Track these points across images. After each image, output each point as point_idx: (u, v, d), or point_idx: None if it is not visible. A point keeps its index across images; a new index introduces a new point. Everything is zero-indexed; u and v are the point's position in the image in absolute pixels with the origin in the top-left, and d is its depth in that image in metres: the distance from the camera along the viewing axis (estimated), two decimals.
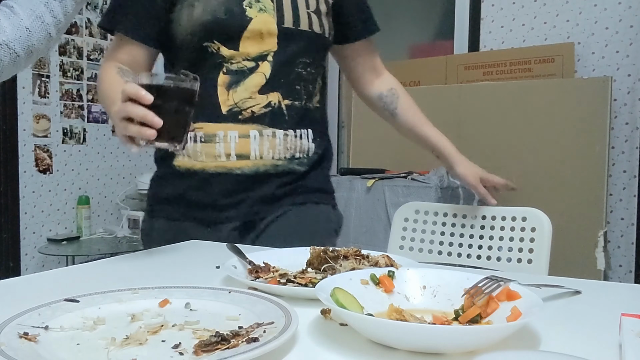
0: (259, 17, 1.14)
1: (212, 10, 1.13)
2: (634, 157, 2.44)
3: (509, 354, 0.44)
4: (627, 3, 2.46)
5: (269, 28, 1.14)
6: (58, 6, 0.97)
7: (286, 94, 1.18)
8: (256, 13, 1.14)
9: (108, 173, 3.57)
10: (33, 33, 0.94)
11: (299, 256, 0.86)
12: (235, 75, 1.15)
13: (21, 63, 0.98)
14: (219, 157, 1.16)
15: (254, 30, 1.14)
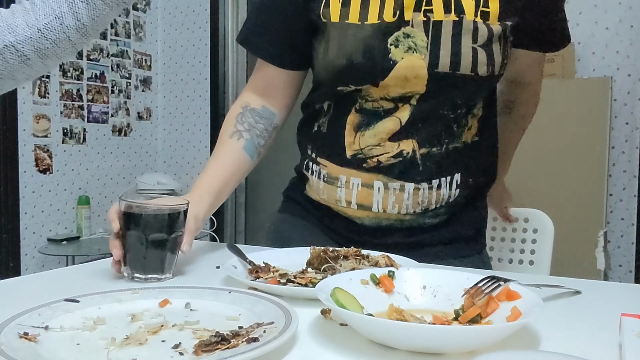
0: (406, 60, 0.93)
1: (349, 53, 0.95)
2: (634, 157, 2.44)
3: (509, 354, 0.44)
4: (627, 4, 2.46)
5: (417, 74, 0.93)
6: (84, 9, 0.86)
7: (424, 141, 0.97)
8: (403, 54, 0.93)
9: (108, 173, 3.57)
10: (47, 35, 0.85)
11: (299, 256, 0.86)
12: (367, 116, 0.98)
13: (35, 66, 0.89)
14: (339, 202, 1.03)
15: (397, 77, 0.94)
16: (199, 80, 3.75)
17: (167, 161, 3.91)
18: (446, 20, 0.92)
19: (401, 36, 0.94)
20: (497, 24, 0.94)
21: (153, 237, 0.80)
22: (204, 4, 3.68)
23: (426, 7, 0.93)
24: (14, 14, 0.86)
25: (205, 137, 3.74)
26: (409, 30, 0.93)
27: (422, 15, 0.93)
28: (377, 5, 0.95)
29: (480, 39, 0.93)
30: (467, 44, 0.92)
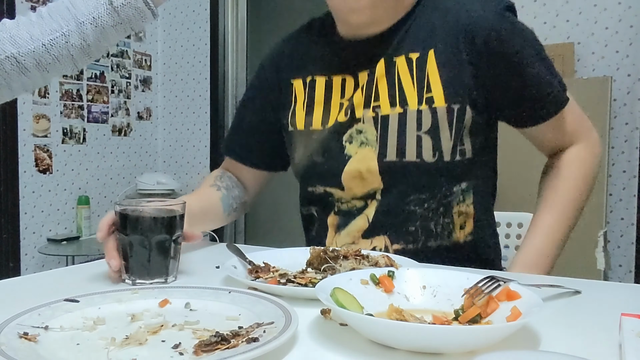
0: (360, 154, 1.00)
1: (310, 154, 1.05)
2: (634, 157, 2.44)
3: (509, 354, 0.44)
4: (626, 3, 2.46)
5: (368, 165, 0.99)
6: (92, 31, 0.86)
7: (396, 238, 0.99)
8: (357, 149, 1.00)
9: (108, 173, 3.57)
10: (50, 51, 0.85)
11: (299, 256, 0.86)
12: (344, 216, 1.03)
13: (34, 78, 0.89)
14: None
15: (352, 171, 1.00)
16: (199, 80, 3.75)
17: (167, 161, 3.91)
18: (392, 113, 0.98)
19: (354, 132, 1.00)
20: (444, 105, 0.95)
21: (156, 240, 0.80)
22: (204, 4, 3.68)
23: (374, 104, 0.99)
24: (19, 26, 0.87)
25: (205, 137, 3.74)
26: (360, 126, 1.00)
27: (371, 111, 0.99)
28: (337, 110, 1.03)
29: (424, 126, 0.96)
30: (412, 133, 0.96)
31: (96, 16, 0.87)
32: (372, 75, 1.00)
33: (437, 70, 0.96)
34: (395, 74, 0.98)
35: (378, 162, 0.98)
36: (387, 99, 0.98)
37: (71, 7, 0.87)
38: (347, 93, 1.03)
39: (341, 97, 1.04)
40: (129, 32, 0.91)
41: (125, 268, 0.81)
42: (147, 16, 0.90)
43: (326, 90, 1.05)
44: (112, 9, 0.87)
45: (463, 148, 0.98)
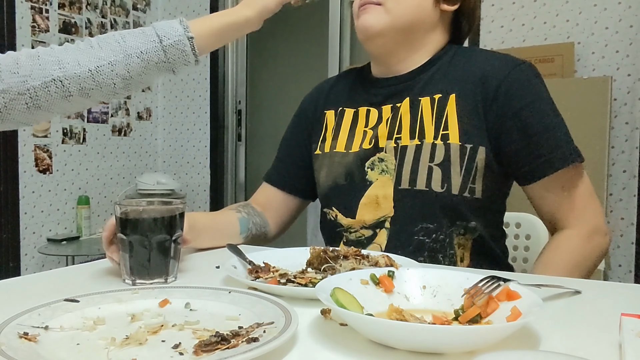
0: (380, 181, 1.06)
1: (334, 177, 1.12)
2: (634, 157, 2.44)
3: (509, 354, 0.44)
4: (626, 3, 2.46)
5: (385, 192, 1.04)
6: (138, 64, 0.90)
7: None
8: (377, 175, 1.06)
9: (108, 173, 3.57)
10: (95, 77, 0.88)
11: (299, 256, 0.86)
12: (354, 245, 1.02)
13: (74, 103, 0.91)
14: None
15: (370, 196, 1.06)
16: (199, 80, 3.75)
17: (167, 161, 3.91)
18: (410, 145, 1.05)
19: (376, 160, 1.08)
20: (458, 144, 1.01)
21: (156, 240, 0.80)
22: (204, 4, 3.68)
23: (397, 135, 1.07)
24: (67, 52, 0.89)
25: (205, 137, 3.74)
26: (382, 155, 1.07)
27: (393, 142, 1.07)
28: (360, 137, 1.11)
29: (437, 158, 1.02)
30: (425, 163, 1.02)
31: (144, 51, 0.90)
32: (397, 110, 1.08)
33: (455, 113, 1.03)
34: (419, 112, 1.06)
35: (394, 189, 1.04)
36: (408, 132, 1.05)
37: (121, 41, 0.90)
38: (370, 123, 1.11)
39: (365, 126, 1.12)
40: (169, 72, 0.94)
41: (126, 268, 0.81)
42: (190, 60, 0.94)
43: (353, 119, 1.14)
44: (160, 47, 0.91)
45: (473, 187, 1.01)
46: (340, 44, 3.35)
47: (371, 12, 1.05)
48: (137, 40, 0.91)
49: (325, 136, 1.17)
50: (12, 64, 0.87)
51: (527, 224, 1.32)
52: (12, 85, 0.86)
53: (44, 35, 3.16)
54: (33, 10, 3.09)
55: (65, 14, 3.27)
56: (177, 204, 0.84)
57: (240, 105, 3.78)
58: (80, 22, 3.37)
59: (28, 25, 3.07)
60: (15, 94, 0.86)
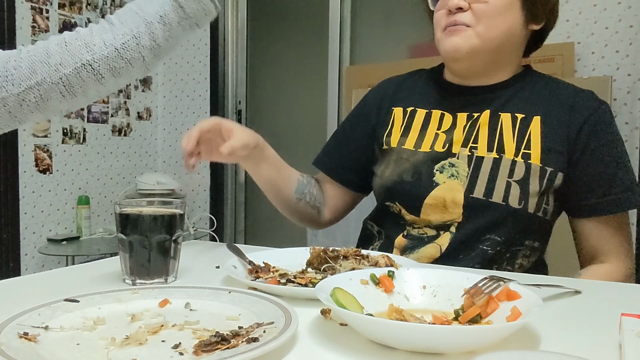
0: (447, 184, 1.04)
1: (401, 172, 1.10)
2: (634, 156, 2.43)
3: (509, 354, 0.44)
4: (626, 3, 2.46)
5: (454, 197, 1.03)
6: (160, 29, 0.88)
7: None
8: (445, 179, 1.05)
9: (108, 173, 3.57)
10: (123, 55, 0.87)
11: (299, 256, 0.86)
12: (413, 240, 1.07)
13: (108, 84, 0.90)
14: None
15: (437, 197, 1.04)
16: (199, 80, 3.75)
17: (167, 161, 3.91)
18: (487, 157, 1.03)
19: (447, 165, 1.06)
20: (539, 164, 1.01)
21: (156, 240, 0.80)
22: None
23: (472, 144, 1.06)
24: (92, 33, 0.89)
25: None
26: (454, 161, 1.06)
27: (467, 150, 1.06)
28: (431, 138, 1.10)
29: (516, 175, 1.01)
30: (503, 178, 1.01)
31: (163, 14, 0.89)
32: (475, 120, 1.07)
33: (539, 134, 1.03)
34: (498, 125, 1.05)
35: (465, 195, 1.03)
36: (485, 144, 1.05)
37: (139, 10, 0.89)
38: (443, 126, 1.10)
39: (437, 129, 1.10)
40: (194, 28, 0.93)
41: (126, 268, 0.81)
42: (210, 9, 0.93)
43: (424, 120, 1.13)
44: (177, 5, 0.89)
45: (547, 208, 1.03)
46: (340, 44, 3.35)
47: (460, 35, 1.02)
48: (153, 5, 0.89)
49: (392, 131, 1.15)
50: (43, 54, 0.86)
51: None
52: (46, 76, 0.86)
53: (44, 35, 3.16)
54: (33, 10, 3.09)
55: (65, 14, 3.27)
56: (177, 204, 0.84)
57: (240, 105, 3.78)
58: (80, 22, 3.37)
59: (28, 25, 3.07)
60: (49, 84, 0.86)
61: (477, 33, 1.02)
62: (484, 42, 1.03)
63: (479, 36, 1.02)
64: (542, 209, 1.02)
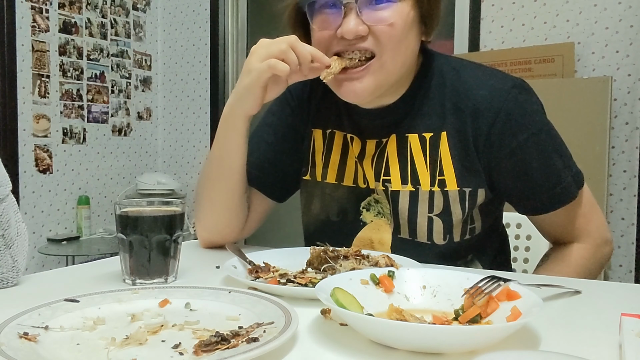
0: (375, 223, 0.99)
1: (326, 210, 1.03)
2: (634, 157, 2.44)
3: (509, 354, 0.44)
4: (627, 3, 2.46)
5: (381, 237, 0.98)
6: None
7: None
8: (372, 217, 0.99)
9: (108, 173, 3.57)
10: None
11: (299, 256, 0.86)
12: None
13: None
14: None
15: (364, 239, 0.99)
16: (199, 80, 3.75)
17: (167, 161, 3.91)
18: (403, 190, 0.96)
19: (372, 201, 0.99)
20: (456, 189, 0.93)
21: (156, 240, 0.80)
22: (204, 4, 3.68)
23: (384, 177, 0.97)
24: None
25: (205, 137, 3.74)
26: (376, 197, 0.99)
27: (381, 185, 0.97)
28: (352, 169, 1.01)
29: (436, 208, 0.94)
30: (424, 214, 0.94)
31: None
32: (383, 148, 0.98)
33: (449, 154, 0.94)
34: (408, 152, 0.96)
35: (392, 236, 0.98)
36: (398, 176, 0.96)
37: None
38: (355, 152, 1.01)
39: (356, 156, 1.01)
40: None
41: (126, 268, 0.81)
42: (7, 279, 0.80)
43: (343, 145, 1.03)
44: None
45: (473, 227, 0.98)
46: None
47: (363, 80, 0.88)
48: None
49: (314, 160, 1.06)
50: None
51: (528, 224, 1.30)
52: None
53: (44, 35, 3.16)
54: (33, 10, 3.09)
55: (65, 14, 3.27)
56: (177, 204, 0.84)
57: None
58: (80, 22, 3.37)
59: (28, 25, 3.07)
60: None
61: (381, 64, 0.88)
62: (388, 75, 0.89)
63: (384, 68, 0.88)
64: (468, 231, 0.97)
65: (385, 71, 0.89)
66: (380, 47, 0.87)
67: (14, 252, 0.78)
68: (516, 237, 1.33)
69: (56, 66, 3.23)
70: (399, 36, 0.87)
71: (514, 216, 1.32)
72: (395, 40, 0.87)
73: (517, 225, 1.33)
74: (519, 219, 1.33)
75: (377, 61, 0.88)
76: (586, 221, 1.00)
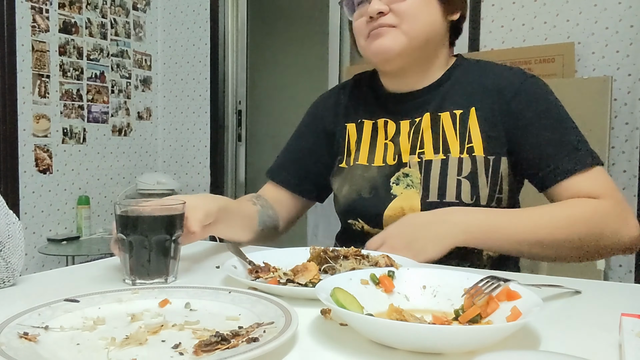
0: (404, 194, 1.07)
1: (358, 189, 1.12)
2: (634, 157, 2.44)
3: (509, 354, 0.44)
4: (627, 3, 2.46)
5: (411, 205, 1.05)
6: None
7: None
8: (402, 190, 1.07)
9: (108, 173, 3.57)
10: None
11: (299, 256, 0.86)
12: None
13: None
14: None
15: (395, 208, 1.07)
16: (199, 80, 3.75)
17: (167, 161, 3.91)
18: (435, 159, 1.06)
19: (401, 175, 1.09)
20: (483, 155, 1.04)
21: (156, 240, 0.80)
22: (204, 4, 3.68)
23: (419, 150, 1.08)
24: None
25: (205, 136, 3.74)
26: (407, 170, 1.08)
27: (417, 157, 1.08)
28: (382, 150, 1.13)
29: (464, 171, 1.04)
30: (453, 177, 1.04)
31: None
32: (418, 125, 1.09)
33: (477, 126, 1.06)
34: (440, 127, 1.08)
35: (421, 202, 1.05)
36: (431, 147, 1.07)
37: None
38: (389, 135, 1.13)
39: (385, 138, 1.13)
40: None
41: (125, 268, 0.81)
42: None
43: (372, 131, 1.15)
44: None
45: (500, 197, 1.05)
46: (340, 44, 3.35)
47: (387, 35, 1.04)
48: None
49: (347, 149, 1.18)
50: None
51: None
52: None
53: (44, 35, 3.16)
54: (33, 10, 3.09)
55: (65, 14, 3.27)
56: (177, 204, 0.84)
57: (240, 105, 3.78)
58: (80, 22, 3.37)
59: (28, 25, 3.07)
60: None
61: (403, 31, 1.04)
62: (411, 40, 1.04)
63: (406, 34, 1.04)
64: (495, 199, 1.04)
65: (406, 36, 1.04)
66: (399, 19, 1.04)
67: (6, 254, 0.78)
68: None
69: (56, 66, 3.23)
70: (414, 9, 1.04)
71: None
72: (410, 13, 1.03)
73: None
74: None
75: (398, 29, 1.04)
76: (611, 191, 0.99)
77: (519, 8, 2.69)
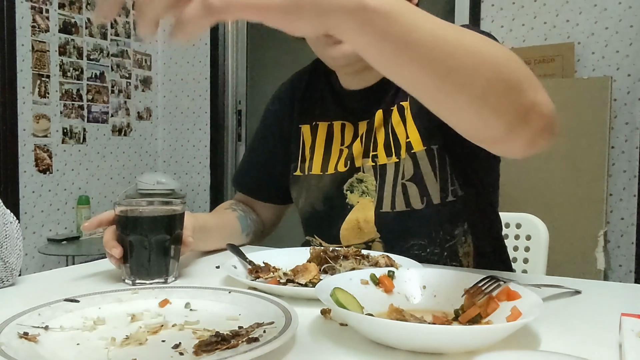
0: (360, 203, 1.00)
1: (312, 202, 1.05)
2: (634, 157, 2.44)
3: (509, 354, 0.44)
4: (627, 3, 2.46)
5: (365, 216, 0.98)
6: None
7: None
8: (358, 198, 1.00)
9: (108, 173, 3.57)
10: None
11: (299, 256, 0.86)
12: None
13: None
14: None
15: (350, 221, 1.00)
16: (199, 80, 3.75)
17: (167, 161, 3.91)
18: (389, 163, 0.98)
19: (355, 182, 1.01)
20: (422, 149, 0.95)
21: (156, 240, 0.80)
22: None
23: (373, 153, 0.99)
24: None
25: (205, 136, 3.74)
26: (361, 175, 1.00)
27: (370, 160, 1.00)
28: (336, 158, 1.04)
29: (406, 173, 0.95)
30: (398, 182, 0.96)
31: None
32: (371, 124, 1.01)
33: (411, 118, 0.97)
34: (389, 124, 0.99)
35: (375, 212, 0.98)
36: (383, 149, 0.99)
37: None
38: (346, 140, 1.04)
39: (341, 144, 1.05)
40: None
41: (125, 268, 0.81)
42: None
43: (327, 135, 1.07)
44: None
45: (453, 188, 0.97)
46: None
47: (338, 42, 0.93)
48: None
49: (303, 155, 1.10)
50: None
51: (527, 223, 1.31)
52: None
53: (44, 35, 3.16)
54: (33, 10, 3.09)
55: (65, 14, 3.27)
56: (177, 204, 0.84)
57: (240, 105, 3.78)
58: (80, 22, 3.37)
59: (28, 25, 3.07)
60: None
61: None
62: None
63: None
64: (450, 193, 0.96)
65: None
66: None
67: (4, 254, 0.78)
68: (516, 237, 1.33)
69: (56, 66, 3.23)
70: None
71: (514, 216, 1.33)
72: None
73: (517, 225, 1.33)
74: (519, 219, 1.33)
75: None
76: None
77: (519, 8, 2.69)
